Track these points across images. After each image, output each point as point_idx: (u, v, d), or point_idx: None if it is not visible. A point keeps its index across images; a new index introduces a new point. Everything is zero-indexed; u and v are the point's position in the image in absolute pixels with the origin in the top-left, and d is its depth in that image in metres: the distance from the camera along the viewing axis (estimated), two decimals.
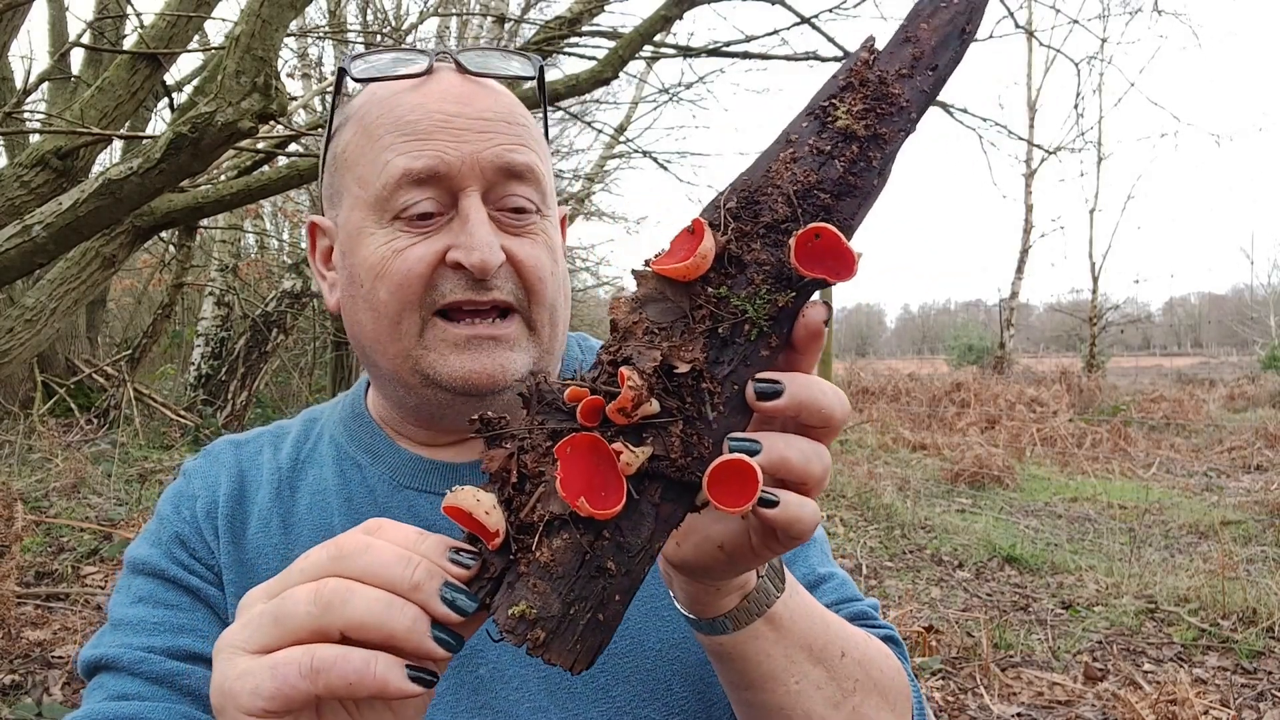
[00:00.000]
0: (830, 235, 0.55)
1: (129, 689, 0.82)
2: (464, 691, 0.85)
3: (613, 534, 0.55)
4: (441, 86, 0.87)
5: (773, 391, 0.57)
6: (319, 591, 0.53)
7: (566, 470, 0.54)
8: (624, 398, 0.54)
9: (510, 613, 0.54)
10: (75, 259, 4.16)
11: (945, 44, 0.60)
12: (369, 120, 0.87)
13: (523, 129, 0.88)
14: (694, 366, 0.56)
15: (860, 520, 6.83)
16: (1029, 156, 19.85)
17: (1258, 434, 10.52)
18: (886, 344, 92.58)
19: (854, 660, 0.78)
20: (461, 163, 0.83)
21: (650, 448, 0.56)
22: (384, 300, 0.84)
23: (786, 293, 0.57)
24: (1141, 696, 3.44)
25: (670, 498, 0.57)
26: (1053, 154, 12.18)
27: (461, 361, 0.84)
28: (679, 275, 0.57)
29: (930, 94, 0.59)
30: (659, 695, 0.87)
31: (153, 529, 0.94)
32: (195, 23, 4.11)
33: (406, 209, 0.83)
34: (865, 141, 0.58)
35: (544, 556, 0.54)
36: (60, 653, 3.59)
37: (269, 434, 1.03)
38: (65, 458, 6.28)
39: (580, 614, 0.54)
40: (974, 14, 0.60)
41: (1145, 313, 45.79)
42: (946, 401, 13.93)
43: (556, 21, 6.46)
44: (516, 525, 0.55)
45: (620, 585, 0.55)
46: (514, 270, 0.86)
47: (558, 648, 0.53)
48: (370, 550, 0.54)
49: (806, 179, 0.58)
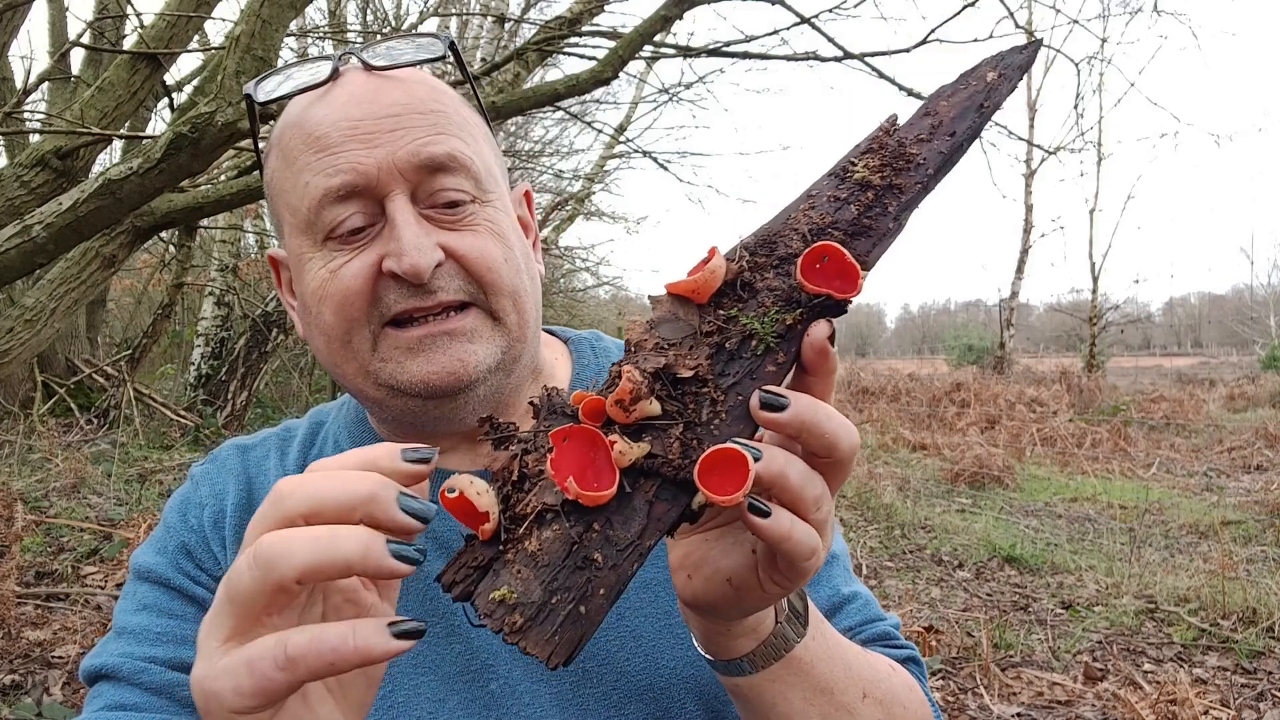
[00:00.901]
0: (836, 254, 0.57)
1: (128, 699, 0.81)
2: (475, 707, 0.84)
3: (603, 526, 0.55)
4: (347, 91, 0.83)
5: (777, 404, 0.56)
6: (255, 554, 0.50)
7: (560, 455, 0.54)
8: (621, 389, 0.55)
9: (490, 597, 0.53)
10: (75, 259, 4.16)
11: (963, 116, 0.63)
12: (284, 143, 0.85)
13: (438, 114, 0.83)
14: (698, 373, 0.57)
15: (860, 520, 6.83)
16: (1029, 156, 19.85)
17: (1258, 434, 10.52)
18: (886, 344, 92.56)
19: (875, 700, 0.78)
20: (378, 168, 0.79)
21: (647, 445, 0.56)
22: (330, 322, 0.83)
23: (795, 312, 0.59)
24: (1141, 696, 3.44)
25: (665, 497, 0.57)
26: (1053, 154, 12.17)
27: (417, 365, 0.82)
28: (690, 291, 0.59)
29: (948, 155, 0.62)
30: (672, 714, 0.86)
31: (159, 536, 0.93)
32: (195, 23, 4.11)
33: (336, 227, 0.81)
34: (881, 190, 0.61)
35: (532, 545, 0.54)
36: (60, 653, 3.59)
37: (276, 436, 1.02)
38: (65, 458, 6.28)
39: (561, 604, 0.53)
40: (992, 94, 0.64)
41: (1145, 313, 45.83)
42: (946, 401, 13.93)
43: (556, 21, 6.46)
44: (510, 518, 0.55)
45: (605, 580, 0.54)
46: (459, 266, 0.82)
47: (535, 636, 0.53)
48: (306, 484, 0.52)
49: (822, 220, 0.61)
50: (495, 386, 0.86)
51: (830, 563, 0.96)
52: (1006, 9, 6.47)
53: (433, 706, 0.84)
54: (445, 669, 0.85)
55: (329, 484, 0.52)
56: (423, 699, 0.84)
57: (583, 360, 1.03)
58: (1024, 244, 20.74)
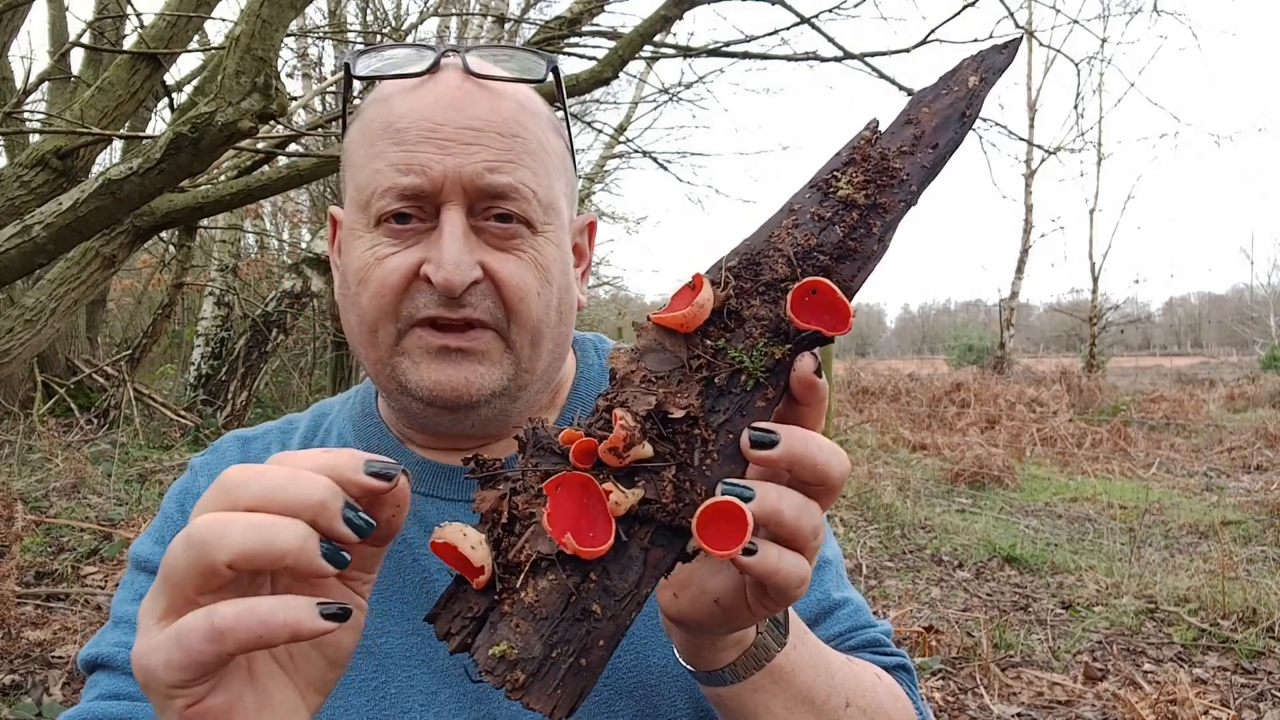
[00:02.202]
0: (826, 289, 0.57)
1: (122, 688, 0.82)
2: (468, 701, 0.85)
3: (600, 576, 0.54)
4: (439, 89, 0.84)
5: (768, 441, 0.56)
6: (190, 534, 0.50)
7: (555, 507, 0.54)
8: (615, 437, 0.54)
9: (490, 653, 0.53)
10: (75, 259, 4.16)
11: (945, 125, 0.62)
12: (367, 120, 0.87)
13: (516, 140, 0.84)
14: (689, 412, 0.57)
15: (860, 520, 6.83)
16: (1029, 156, 19.85)
17: (1258, 434, 10.52)
18: (886, 344, 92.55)
19: (858, 709, 0.78)
20: (444, 177, 0.81)
21: (641, 490, 0.56)
22: (365, 306, 0.84)
23: (783, 345, 0.58)
24: (1141, 696, 3.44)
25: (660, 543, 0.56)
26: (1053, 154, 12.18)
27: (430, 371, 0.83)
28: (677, 324, 0.58)
29: (931, 170, 0.61)
30: (661, 711, 0.87)
31: (158, 526, 0.94)
32: (195, 23, 4.11)
33: (387, 212, 0.83)
34: (866, 210, 0.60)
35: (529, 597, 0.54)
36: (60, 653, 3.59)
37: (277, 429, 1.02)
38: (65, 458, 6.27)
39: (562, 658, 0.53)
40: (974, 100, 0.62)
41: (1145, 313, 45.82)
42: (946, 401, 13.93)
43: (556, 21, 6.46)
44: (504, 565, 0.55)
45: (605, 630, 0.54)
46: (494, 288, 0.83)
47: (537, 691, 0.52)
48: (260, 476, 0.52)
49: (807, 242, 0.59)
50: (499, 410, 0.87)
51: (822, 568, 0.96)
52: (1006, 9, 6.47)
53: (425, 700, 0.84)
54: (439, 662, 0.86)
55: (282, 482, 0.52)
56: (416, 692, 0.85)
57: (587, 360, 1.03)
58: (1024, 244, 20.74)
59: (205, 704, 0.52)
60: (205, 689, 0.52)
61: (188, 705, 0.52)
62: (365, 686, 0.85)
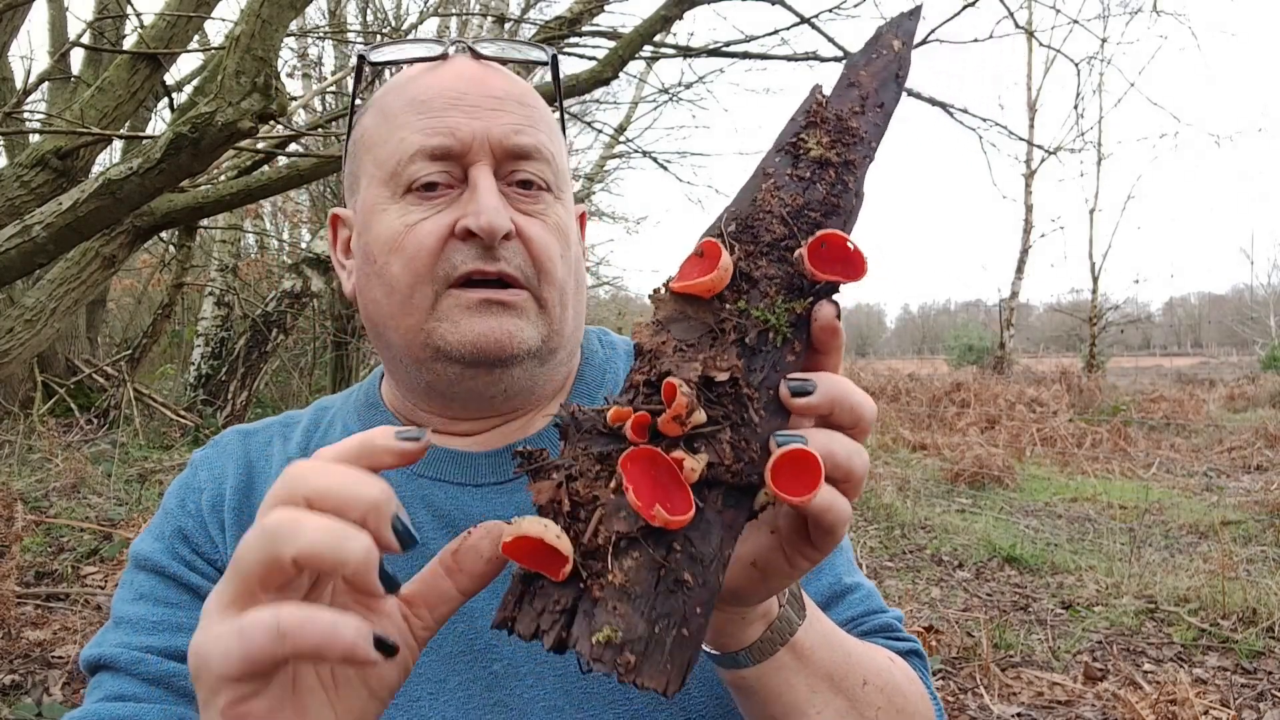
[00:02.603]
0: (836, 240, 0.58)
1: (126, 689, 0.81)
2: (477, 687, 0.84)
3: (683, 546, 0.55)
4: (455, 69, 0.89)
5: (805, 390, 0.58)
6: (265, 526, 0.51)
7: (635, 482, 0.53)
8: (679, 404, 0.55)
9: (595, 640, 0.52)
10: (75, 259, 4.17)
11: (885, 86, 0.66)
12: (386, 103, 0.89)
13: (534, 111, 0.89)
14: (732, 374, 0.58)
15: (860, 520, 6.83)
16: (1029, 156, 19.86)
17: (1258, 434, 10.52)
18: (886, 344, 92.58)
19: (876, 688, 0.78)
20: (473, 137, 0.84)
21: (706, 455, 0.56)
22: (397, 274, 0.85)
23: (802, 300, 0.60)
24: (1141, 696, 3.44)
25: (731, 503, 0.57)
26: (1053, 154, 12.18)
27: (472, 324, 0.83)
28: (702, 290, 0.59)
29: (882, 127, 0.65)
30: (676, 699, 0.86)
31: (158, 522, 0.93)
32: (195, 23, 4.11)
33: (417, 179, 0.85)
34: (839, 167, 0.63)
35: (618, 579, 0.53)
36: (60, 653, 3.59)
37: (279, 424, 1.02)
38: (65, 458, 6.27)
39: (665, 631, 0.52)
40: (902, 63, 0.67)
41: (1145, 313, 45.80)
42: (946, 401, 13.93)
43: (556, 21, 6.46)
44: (582, 552, 0.54)
45: (699, 597, 0.54)
46: (523, 246, 0.86)
47: (649, 670, 0.52)
48: (319, 471, 0.53)
49: (794, 202, 0.62)
50: (530, 372, 0.88)
51: (834, 552, 0.96)
52: (1006, 9, 6.47)
53: (433, 687, 0.84)
54: (447, 649, 0.85)
55: (341, 478, 0.53)
56: (423, 679, 0.84)
57: (590, 348, 1.04)
58: (1024, 244, 20.75)
59: (248, 705, 0.52)
60: (251, 689, 0.52)
61: (231, 703, 0.52)
62: None
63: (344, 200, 0.98)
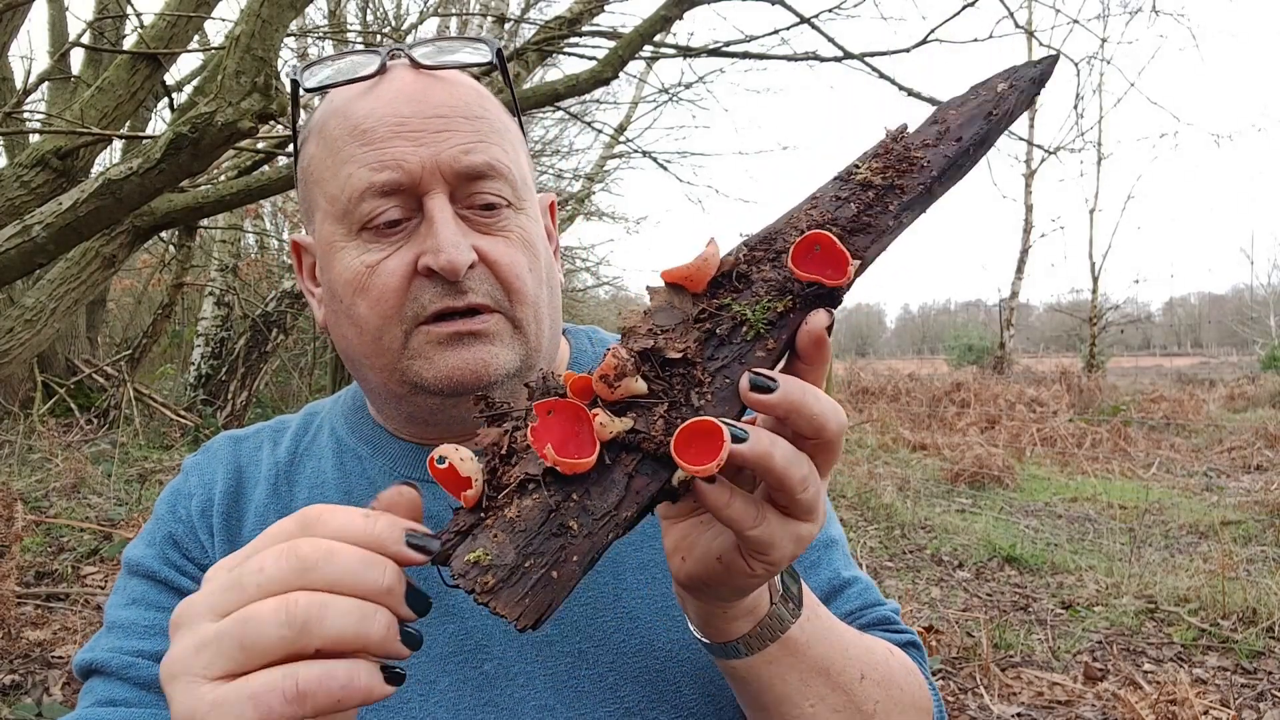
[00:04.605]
0: (829, 243, 0.58)
1: (117, 694, 0.82)
2: (468, 688, 0.84)
3: (581, 496, 0.56)
4: (395, 86, 0.85)
5: (766, 386, 0.57)
6: (291, 612, 0.50)
7: (542, 426, 0.56)
8: (606, 364, 0.57)
9: (466, 559, 0.54)
10: (75, 259, 4.16)
11: (970, 123, 0.65)
12: (327, 131, 0.86)
13: (481, 121, 0.85)
14: (685, 355, 0.59)
15: (860, 520, 6.83)
16: (1029, 156, 19.85)
17: (1258, 434, 10.52)
18: (886, 344, 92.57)
19: (873, 682, 0.78)
20: (421, 167, 0.81)
21: (631, 421, 0.58)
22: (364, 315, 0.84)
23: (785, 299, 0.60)
24: (1141, 696, 3.44)
25: (645, 471, 0.58)
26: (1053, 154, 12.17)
27: (445, 358, 0.83)
28: (684, 277, 0.61)
29: (954, 159, 0.64)
30: (668, 697, 0.86)
31: (149, 528, 0.94)
32: (195, 23, 4.11)
33: (373, 219, 0.82)
34: (882, 189, 0.63)
35: (511, 512, 0.56)
36: (60, 653, 3.59)
37: (269, 429, 1.02)
38: (65, 458, 6.27)
39: (534, 568, 0.54)
40: (1000, 101, 0.65)
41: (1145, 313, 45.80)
42: (946, 401, 13.93)
43: (556, 21, 6.46)
44: (494, 487, 0.57)
45: (580, 547, 0.55)
46: (489, 271, 0.84)
47: (506, 597, 0.53)
48: (335, 557, 0.52)
49: (821, 218, 0.63)
50: (511, 392, 0.88)
51: (829, 547, 0.97)
52: (1006, 9, 6.47)
53: (423, 689, 0.84)
54: (437, 650, 0.85)
55: (357, 566, 0.52)
56: (414, 680, 0.84)
57: (580, 346, 1.04)
58: (1024, 244, 20.74)
59: None
60: None
61: None
62: None
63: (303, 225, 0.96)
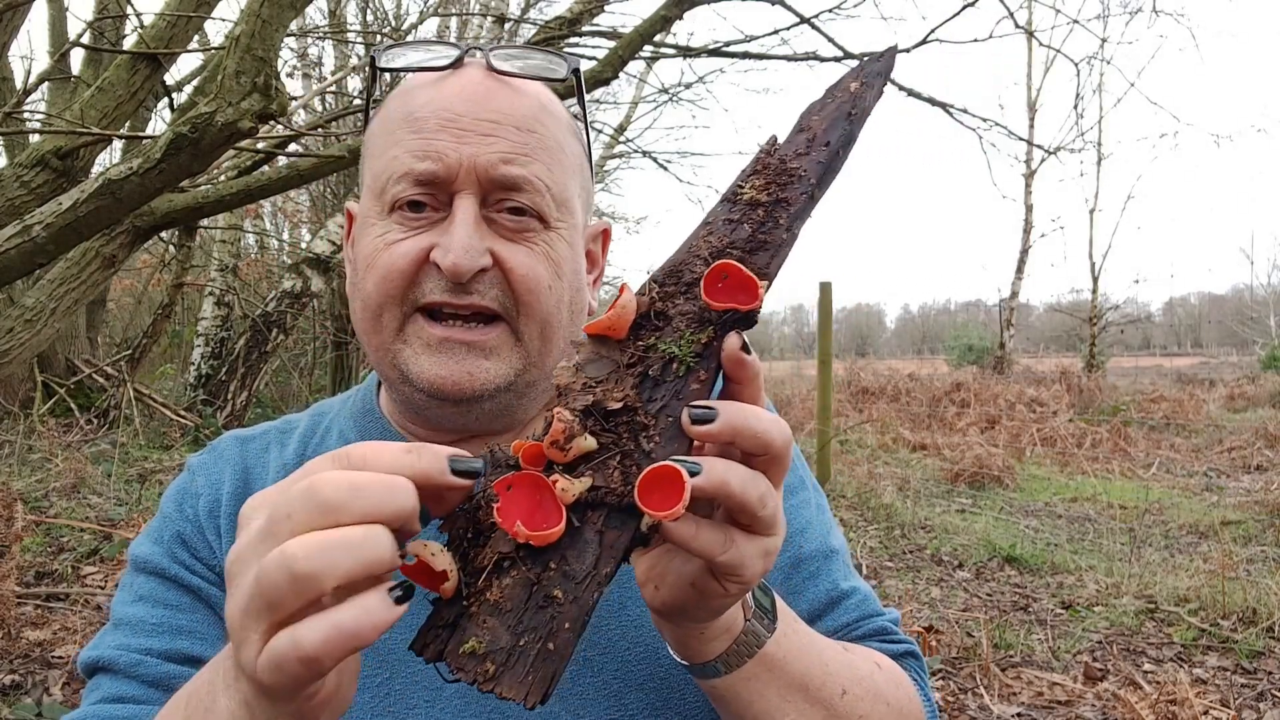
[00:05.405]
0: (735, 271, 0.61)
1: (124, 691, 0.81)
2: (473, 695, 0.85)
3: (559, 564, 0.57)
4: (461, 83, 0.86)
5: (706, 417, 0.58)
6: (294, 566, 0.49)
7: (506, 502, 0.56)
8: (554, 430, 0.57)
9: (460, 651, 0.55)
10: (75, 259, 4.16)
11: (834, 126, 0.69)
12: (388, 113, 0.88)
13: (533, 135, 0.85)
14: (626, 403, 0.60)
15: (860, 520, 6.83)
16: (1029, 156, 19.85)
17: (1258, 434, 10.51)
18: (886, 344, 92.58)
19: (856, 697, 0.78)
20: (459, 165, 0.82)
21: (590, 479, 0.58)
22: (369, 292, 0.85)
23: (707, 329, 0.62)
24: (1141, 696, 3.44)
25: (614, 524, 0.58)
26: (1053, 154, 12.17)
27: (431, 364, 0.83)
28: (605, 329, 0.62)
29: (827, 164, 0.67)
30: (672, 704, 0.87)
31: (156, 526, 0.93)
32: (195, 23, 4.11)
33: (401, 199, 0.84)
34: (770, 206, 0.65)
35: (494, 595, 0.56)
36: (60, 653, 3.59)
37: (276, 429, 1.02)
38: (65, 458, 6.27)
39: (530, 645, 0.55)
40: (857, 101, 0.70)
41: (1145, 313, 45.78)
42: (946, 401, 13.92)
43: (556, 21, 6.46)
44: (470, 573, 0.57)
45: (569, 613, 0.56)
46: (503, 276, 0.84)
47: (509, 680, 0.54)
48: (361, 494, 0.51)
49: (720, 243, 0.65)
50: (504, 404, 0.87)
51: (829, 558, 0.96)
52: (1006, 9, 6.47)
53: (429, 695, 0.84)
54: None
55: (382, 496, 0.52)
56: (420, 687, 0.85)
57: None
58: (1024, 244, 20.74)
59: (320, 696, 0.54)
60: (315, 688, 0.54)
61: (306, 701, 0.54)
62: (369, 683, 0.85)
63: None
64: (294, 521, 0.52)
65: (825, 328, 7.88)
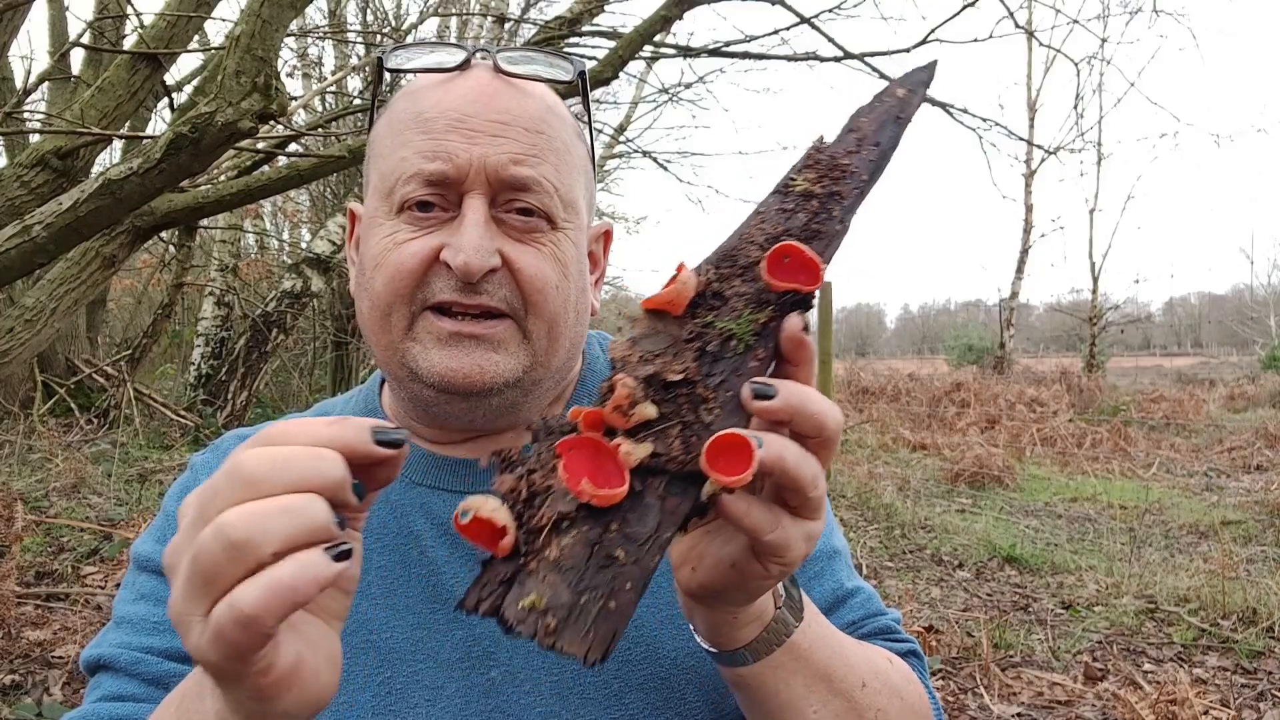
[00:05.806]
0: (797, 252, 0.61)
1: (125, 690, 0.82)
2: (475, 694, 0.85)
3: (620, 525, 0.57)
4: (468, 84, 0.86)
5: (767, 393, 0.59)
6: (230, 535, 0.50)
7: (570, 462, 0.56)
8: (619, 395, 0.58)
9: (521, 605, 0.54)
10: (75, 259, 4.16)
11: (883, 127, 0.71)
12: (395, 113, 0.88)
13: (541, 136, 0.86)
14: (686, 375, 0.61)
15: (860, 520, 6.83)
16: (1029, 156, 19.85)
17: (1258, 434, 10.52)
18: (886, 344, 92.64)
19: (874, 690, 0.79)
20: (469, 165, 0.82)
21: (651, 445, 0.59)
22: (378, 291, 0.85)
23: (766, 310, 0.62)
24: (1141, 696, 3.44)
25: (675, 491, 0.59)
26: (1053, 154, 12.18)
27: (441, 357, 0.83)
28: (665, 304, 0.63)
29: (877, 162, 0.69)
30: (672, 704, 0.87)
31: (158, 525, 0.93)
32: (195, 23, 4.11)
33: (410, 199, 0.84)
34: (823, 198, 0.67)
35: (553, 553, 0.56)
36: (60, 653, 3.59)
37: None
38: (65, 458, 6.27)
39: (591, 602, 0.55)
40: (904, 106, 0.72)
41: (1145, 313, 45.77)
42: (946, 401, 13.92)
43: (556, 21, 6.46)
44: (527, 532, 0.57)
45: (630, 574, 0.56)
46: (512, 277, 0.84)
47: (570, 635, 0.54)
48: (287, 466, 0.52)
49: (775, 230, 0.66)
50: (511, 400, 0.88)
51: (833, 558, 0.97)
52: (1006, 9, 6.47)
53: (430, 694, 0.84)
54: (445, 655, 0.86)
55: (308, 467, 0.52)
56: (421, 686, 0.85)
57: (592, 354, 1.05)
58: (1024, 244, 20.74)
59: (275, 672, 0.53)
60: (266, 661, 0.53)
61: (260, 677, 0.53)
62: (370, 681, 0.85)
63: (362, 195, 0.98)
64: (221, 499, 0.52)
65: (825, 327, 7.88)
